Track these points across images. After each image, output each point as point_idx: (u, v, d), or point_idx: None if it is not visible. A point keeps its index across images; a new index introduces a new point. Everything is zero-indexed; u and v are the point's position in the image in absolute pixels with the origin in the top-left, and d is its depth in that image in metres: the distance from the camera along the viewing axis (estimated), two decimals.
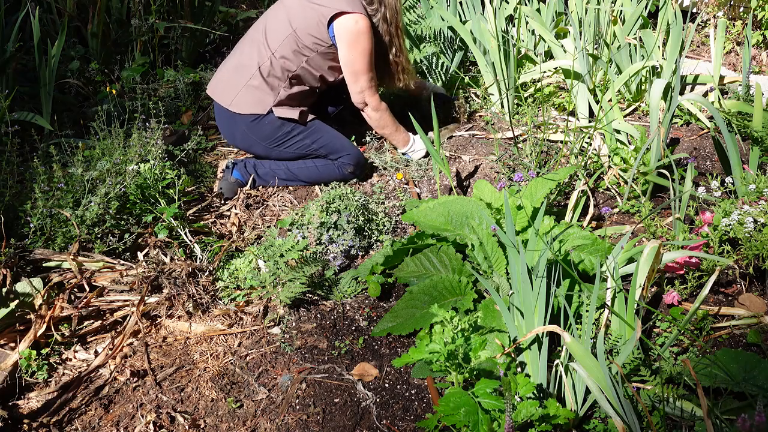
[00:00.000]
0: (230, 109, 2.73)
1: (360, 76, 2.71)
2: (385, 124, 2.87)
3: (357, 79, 2.71)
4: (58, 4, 3.63)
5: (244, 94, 2.69)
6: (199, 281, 2.26)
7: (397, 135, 2.93)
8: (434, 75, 3.64)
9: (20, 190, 2.44)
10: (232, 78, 2.73)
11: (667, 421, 1.68)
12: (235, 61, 2.75)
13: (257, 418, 1.86)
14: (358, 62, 2.67)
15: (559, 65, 3.40)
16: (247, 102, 2.70)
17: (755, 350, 1.96)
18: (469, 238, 2.15)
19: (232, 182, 2.79)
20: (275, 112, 2.70)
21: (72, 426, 1.84)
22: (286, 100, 2.71)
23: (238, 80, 2.71)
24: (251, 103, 2.69)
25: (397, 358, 1.92)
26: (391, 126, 2.89)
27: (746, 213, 2.12)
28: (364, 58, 2.66)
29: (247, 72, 2.69)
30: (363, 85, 2.73)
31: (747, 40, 3.11)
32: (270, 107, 2.70)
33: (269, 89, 2.69)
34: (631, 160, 2.71)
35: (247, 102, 2.70)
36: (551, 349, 1.83)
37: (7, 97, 2.70)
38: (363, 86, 2.73)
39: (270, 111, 2.70)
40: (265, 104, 2.70)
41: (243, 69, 2.70)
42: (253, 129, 2.74)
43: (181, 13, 3.89)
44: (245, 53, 2.73)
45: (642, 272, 1.83)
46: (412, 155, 2.99)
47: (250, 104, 2.70)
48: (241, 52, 2.76)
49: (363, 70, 2.69)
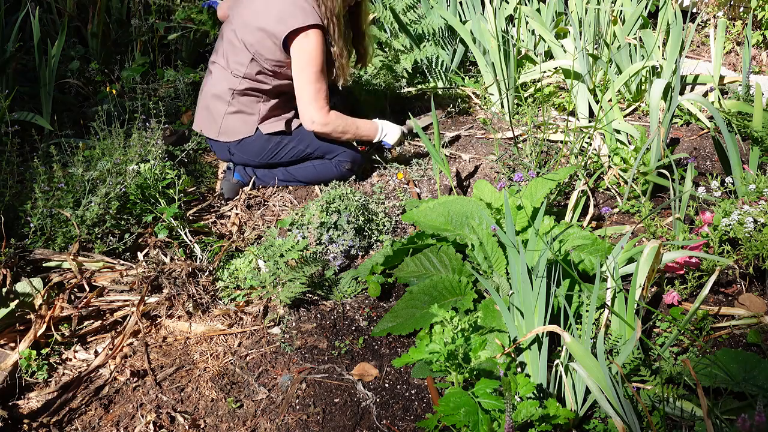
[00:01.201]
0: (219, 140, 2.75)
1: (305, 87, 2.61)
2: (342, 131, 2.72)
3: (303, 88, 2.62)
4: (58, 4, 3.63)
5: (228, 123, 2.70)
6: (199, 281, 2.26)
7: (361, 132, 2.77)
8: (434, 75, 3.64)
9: (20, 190, 2.43)
10: (211, 109, 2.73)
11: (667, 421, 1.68)
12: (210, 91, 2.73)
13: (257, 418, 1.86)
14: (303, 73, 2.58)
15: (559, 65, 3.40)
16: (233, 129, 2.71)
17: (755, 350, 1.96)
18: (469, 238, 2.15)
19: (233, 183, 2.80)
20: (262, 130, 2.71)
21: (72, 426, 1.84)
22: (269, 113, 2.71)
23: (218, 110, 2.70)
24: (237, 129, 2.70)
25: (397, 358, 1.92)
26: (351, 128, 2.73)
27: (746, 213, 2.12)
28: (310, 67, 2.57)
29: (223, 100, 2.69)
30: (308, 97, 2.62)
31: (747, 40, 3.11)
32: (256, 126, 2.71)
33: (250, 110, 2.69)
34: (631, 160, 2.71)
35: (234, 129, 2.71)
36: (551, 349, 1.83)
37: (7, 97, 2.69)
38: (308, 99, 2.62)
39: (257, 129, 2.71)
40: (250, 125, 2.70)
41: (219, 99, 2.70)
42: (244, 149, 2.75)
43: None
44: (216, 80, 2.71)
45: (642, 272, 1.83)
46: (389, 140, 2.83)
47: (237, 130, 2.71)
48: (213, 80, 2.73)
49: (308, 80, 2.59)
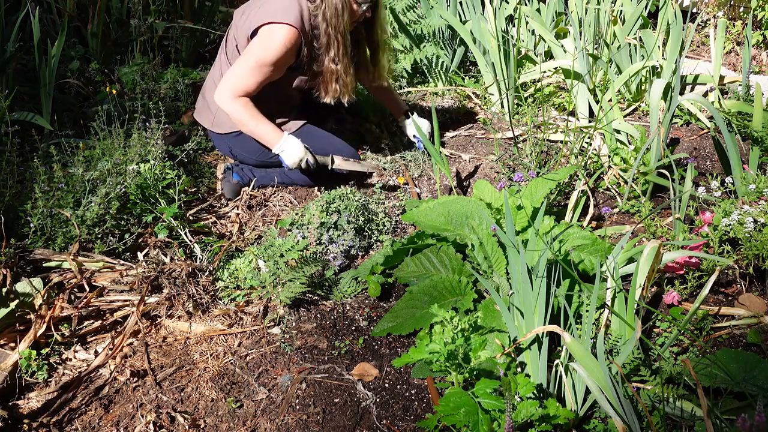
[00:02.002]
0: (213, 130, 2.76)
1: (237, 68, 2.51)
2: (241, 122, 2.57)
3: (234, 68, 2.52)
4: (58, 4, 3.63)
5: (220, 114, 2.70)
6: (199, 281, 2.26)
7: (259, 133, 2.60)
8: (434, 75, 3.64)
9: (20, 190, 2.43)
10: (209, 98, 2.73)
11: (667, 421, 1.68)
12: (210, 80, 2.75)
13: (257, 418, 1.86)
14: (247, 56, 2.49)
15: (559, 65, 3.40)
16: (225, 122, 2.71)
17: (755, 350, 1.96)
18: (469, 238, 2.15)
19: (234, 183, 2.80)
20: None
21: (72, 426, 1.84)
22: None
23: (213, 100, 2.70)
24: (229, 122, 2.69)
25: (397, 358, 1.92)
26: (251, 124, 2.56)
27: (746, 213, 2.12)
28: (256, 55, 2.47)
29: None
30: (232, 78, 2.51)
31: (747, 40, 3.11)
32: None
33: None
34: (631, 160, 2.71)
35: (225, 121, 2.71)
36: (551, 349, 1.83)
37: (7, 97, 2.69)
38: (230, 79, 2.52)
39: None
40: None
41: (215, 88, 2.68)
42: (239, 145, 2.75)
43: (180, 13, 3.89)
44: (216, 70, 2.73)
45: (642, 272, 1.83)
46: (284, 158, 2.62)
47: (229, 123, 2.70)
48: (214, 69, 2.76)
49: (244, 64, 2.49)
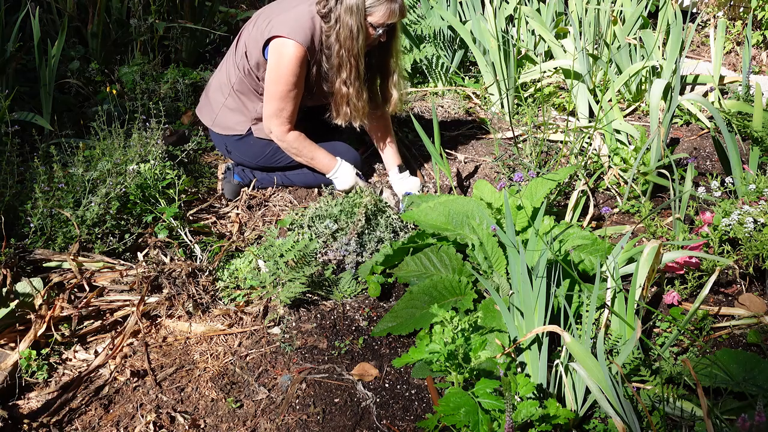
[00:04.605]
0: (213, 129, 2.75)
1: (270, 101, 2.54)
2: (296, 153, 2.66)
3: (268, 101, 2.56)
4: (58, 4, 3.63)
5: (223, 115, 2.70)
6: (199, 281, 2.26)
7: (315, 162, 2.69)
8: (434, 75, 3.64)
9: (20, 190, 2.43)
10: (212, 98, 2.73)
11: (667, 421, 1.68)
12: (216, 80, 2.74)
13: (257, 418, 1.86)
14: (272, 86, 2.51)
15: (559, 65, 3.40)
16: (226, 123, 2.70)
17: (755, 350, 1.96)
18: (469, 238, 2.15)
19: (234, 184, 2.79)
20: (255, 133, 2.69)
21: (72, 426, 1.84)
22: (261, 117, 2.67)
23: (217, 100, 2.70)
24: (230, 124, 2.69)
25: (397, 358, 1.92)
26: (307, 154, 2.66)
27: (746, 213, 2.12)
28: (278, 85, 2.49)
29: (224, 92, 2.69)
30: (270, 111, 2.56)
31: (747, 40, 3.11)
32: (249, 127, 2.69)
33: (245, 109, 2.67)
34: (631, 160, 2.71)
35: (227, 123, 2.70)
36: (551, 349, 1.83)
37: (7, 97, 2.69)
38: (270, 112, 2.57)
39: (249, 131, 2.69)
40: (243, 125, 2.69)
41: (221, 88, 2.70)
42: (240, 148, 2.74)
43: (181, 13, 3.89)
44: (223, 71, 2.71)
45: (642, 272, 1.83)
46: (337, 184, 2.71)
47: (230, 125, 2.70)
48: (220, 70, 2.74)
49: (274, 96, 2.52)
